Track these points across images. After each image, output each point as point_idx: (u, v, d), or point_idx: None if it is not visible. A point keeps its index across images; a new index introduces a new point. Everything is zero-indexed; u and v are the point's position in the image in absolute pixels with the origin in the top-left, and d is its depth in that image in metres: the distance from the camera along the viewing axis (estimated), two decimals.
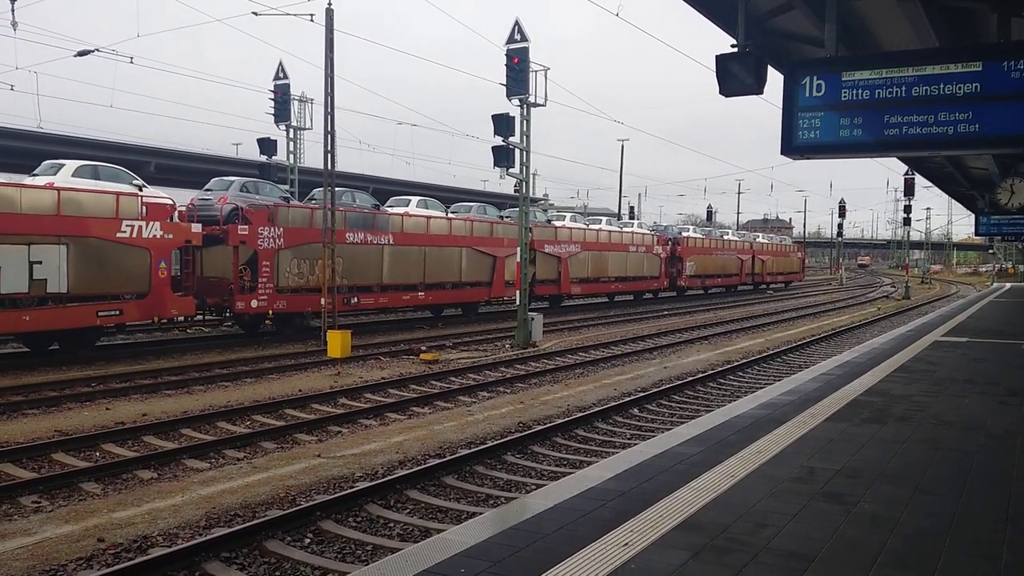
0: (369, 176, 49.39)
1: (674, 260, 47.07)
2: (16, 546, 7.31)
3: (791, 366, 19.25)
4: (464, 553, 4.60)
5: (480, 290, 30.92)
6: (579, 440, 11.89)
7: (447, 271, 28.93)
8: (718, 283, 53.37)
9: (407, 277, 27.17)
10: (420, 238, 27.81)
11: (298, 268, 23.14)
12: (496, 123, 21.67)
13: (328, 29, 21.27)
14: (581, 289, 37.90)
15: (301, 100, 29.76)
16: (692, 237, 50.03)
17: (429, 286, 28.14)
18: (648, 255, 44.05)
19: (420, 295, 27.84)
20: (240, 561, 7.07)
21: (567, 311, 36.24)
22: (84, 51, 21.65)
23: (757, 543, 4.77)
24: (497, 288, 31.40)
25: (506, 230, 31.98)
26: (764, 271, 60.28)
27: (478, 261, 30.44)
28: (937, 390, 10.42)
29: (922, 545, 4.79)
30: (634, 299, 44.34)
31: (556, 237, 35.67)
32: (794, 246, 71.37)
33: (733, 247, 55.49)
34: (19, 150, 33.33)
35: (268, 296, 22.31)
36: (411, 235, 27.44)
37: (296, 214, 24.06)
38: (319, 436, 12.05)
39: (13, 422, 12.62)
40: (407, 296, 27.39)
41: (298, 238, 23.30)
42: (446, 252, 28.86)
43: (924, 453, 7.04)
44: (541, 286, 34.05)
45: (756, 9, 9.27)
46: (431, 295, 28.49)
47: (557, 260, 35.37)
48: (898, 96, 7.05)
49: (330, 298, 22.08)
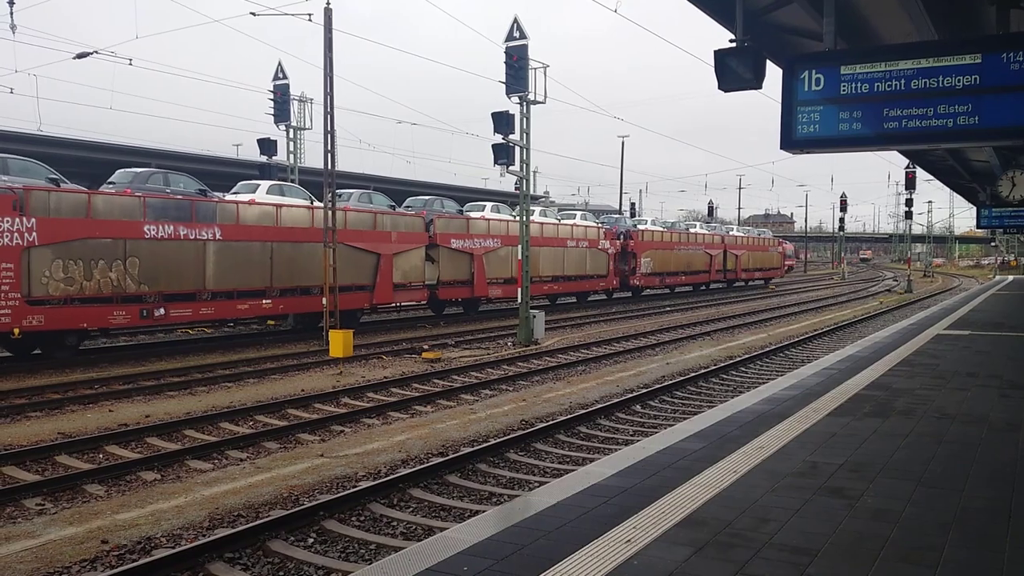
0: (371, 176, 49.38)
1: (626, 256, 41.77)
2: (20, 548, 7.32)
3: (793, 361, 19.24)
4: (467, 551, 4.60)
5: (357, 295, 25.26)
6: (582, 437, 11.89)
7: (306, 273, 23.44)
8: (681, 281, 48.10)
9: (245, 281, 21.90)
10: (265, 232, 22.53)
11: (66, 272, 17.95)
12: (496, 121, 21.66)
13: (327, 29, 21.26)
14: (502, 291, 32.16)
15: (301, 100, 29.78)
16: (648, 230, 44.89)
17: (284, 291, 23.07)
18: (592, 251, 38.44)
19: (266, 303, 22.53)
20: (244, 561, 7.07)
21: (562, 309, 36.19)
22: (83, 53, 21.67)
23: (760, 538, 4.77)
24: (382, 293, 26.16)
25: (395, 222, 27.07)
26: (738, 267, 55.12)
27: (354, 260, 24.82)
28: (940, 383, 10.41)
29: (925, 539, 4.79)
30: (577, 301, 39.24)
31: (468, 230, 30.65)
32: (773, 239, 65.93)
33: (700, 241, 50.27)
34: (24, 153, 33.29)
35: (12, 310, 17.00)
36: (250, 228, 22.13)
37: (66, 201, 18.39)
38: (322, 436, 12.06)
39: (16, 424, 12.64)
40: (245, 305, 22.03)
41: (65, 232, 17.99)
42: (304, 249, 23.39)
43: (927, 447, 7.04)
44: (446, 288, 29.59)
45: (754, 3, 9.25)
46: (283, 303, 23.12)
47: (469, 257, 30.36)
48: (897, 89, 7.03)
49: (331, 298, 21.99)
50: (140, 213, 19.50)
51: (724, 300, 43.81)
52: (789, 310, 36.12)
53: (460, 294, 30.65)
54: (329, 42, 21.37)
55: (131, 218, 19.28)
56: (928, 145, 10.90)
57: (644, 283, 43.55)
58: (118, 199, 19.49)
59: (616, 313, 34.14)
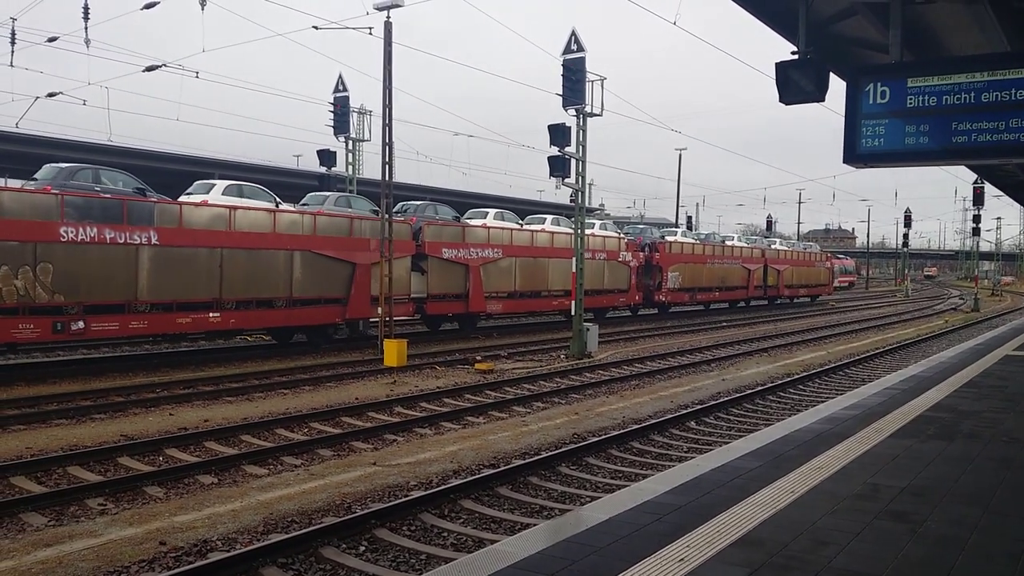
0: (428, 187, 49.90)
1: (651, 270, 38.62)
2: (83, 547, 7.51)
3: (854, 380, 18.78)
4: (517, 564, 4.57)
5: (328, 309, 22.87)
6: (635, 452, 11.76)
7: (266, 283, 21.11)
8: (715, 298, 44.77)
9: (188, 291, 19.44)
10: (215, 237, 19.98)
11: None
12: (552, 133, 21.68)
13: (387, 43, 21.57)
14: (503, 306, 29.63)
15: (360, 112, 30.22)
16: (676, 242, 41.24)
17: (240, 303, 20.58)
18: (612, 263, 34.94)
19: (214, 317, 19.93)
20: (296, 567, 7.15)
21: (615, 323, 35.91)
22: (152, 66, 22.33)
23: (817, 561, 4.64)
24: (357, 306, 23.44)
25: (376, 229, 23.84)
26: (780, 283, 51.43)
27: (324, 270, 22.52)
28: (1008, 406, 10.05)
29: (992, 568, 4.61)
30: (595, 319, 33.69)
31: (463, 239, 27.72)
32: (821, 253, 62.27)
33: (737, 255, 46.77)
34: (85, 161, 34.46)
35: None
36: (196, 232, 19.60)
37: None
38: (375, 444, 12.15)
39: (81, 426, 13.03)
40: (187, 319, 19.46)
41: None
42: (263, 256, 20.98)
43: (994, 472, 6.79)
44: (436, 303, 26.64)
45: (818, 15, 9.10)
46: (236, 316, 20.54)
47: (464, 269, 27.39)
48: (967, 102, 6.85)
49: (387, 308, 22.17)
50: (57, 213, 17.15)
51: (783, 316, 43.02)
52: (850, 327, 35.30)
53: (452, 309, 27.72)
54: (389, 55, 21.67)
55: (45, 218, 16.98)
56: (999, 160, 10.60)
57: (671, 299, 40.22)
58: (29, 197, 17.26)
59: (671, 327, 33.77)
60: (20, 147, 31.48)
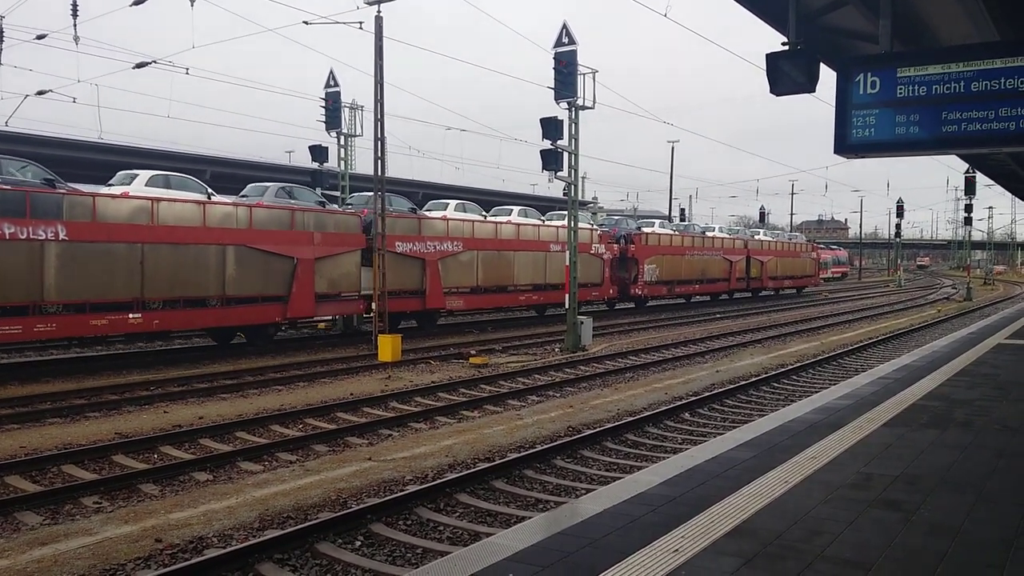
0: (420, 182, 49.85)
1: (626, 262, 36.97)
2: (78, 545, 7.50)
3: (847, 370, 18.84)
4: (513, 557, 4.59)
5: (267, 308, 21.43)
6: (629, 444, 11.78)
7: (194, 282, 19.63)
8: (695, 291, 43.47)
9: (104, 291, 17.89)
10: (135, 231, 18.44)
11: None
12: (544, 126, 21.66)
13: (377, 37, 21.50)
14: (464, 303, 28.47)
15: (352, 107, 30.14)
16: (653, 233, 39.80)
17: (167, 303, 19.19)
18: (583, 255, 31.63)
19: (134, 318, 18.41)
20: (292, 563, 7.15)
21: (610, 315, 35.98)
22: (142, 63, 22.22)
23: (811, 551, 4.67)
24: (299, 304, 22.04)
25: (321, 221, 22.90)
26: (764, 274, 50.31)
27: (262, 266, 21.06)
28: (1001, 394, 10.10)
29: (984, 555, 4.63)
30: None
31: (419, 232, 26.23)
32: (806, 244, 61.06)
33: (718, 246, 45.22)
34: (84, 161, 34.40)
35: None
36: (112, 226, 18.05)
37: None
38: (370, 439, 12.16)
39: (76, 424, 12.99)
40: (103, 320, 17.98)
41: None
42: (191, 252, 19.51)
43: (987, 460, 6.83)
44: (389, 299, 23.00)
45: (807, 6, 9.11)
46: (160, 317, 19.14)
47: (420, 263, 25.91)
48: (957, 92, 6.86)
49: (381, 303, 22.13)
50: None
51: (775, 308, 43.11)
52: (843, 318, 35.41)
53: (408, 306, 25.87)
54: (379, 50, 21.60)
55: None
56: (989, 149, 10.63)
57: (648, 292, 38.45)
58: None
59: (665, 320, 33.83)
60: None
